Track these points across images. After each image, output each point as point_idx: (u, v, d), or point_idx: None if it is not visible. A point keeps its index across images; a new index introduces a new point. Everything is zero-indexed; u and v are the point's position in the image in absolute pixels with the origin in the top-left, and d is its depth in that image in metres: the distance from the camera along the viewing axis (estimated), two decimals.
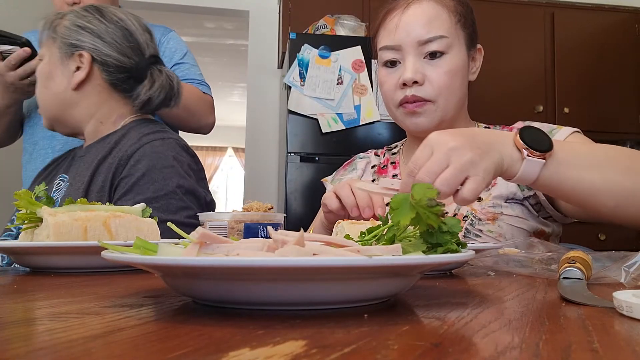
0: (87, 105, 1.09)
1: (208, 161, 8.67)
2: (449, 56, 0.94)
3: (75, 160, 1.14)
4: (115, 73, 1.09)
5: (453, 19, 0.95)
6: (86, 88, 1.08)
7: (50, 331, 0.31)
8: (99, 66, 1.08)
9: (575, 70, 3.35)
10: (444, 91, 0.94)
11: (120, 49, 1.09)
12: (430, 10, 0.94)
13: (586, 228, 3.03)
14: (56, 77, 1.09)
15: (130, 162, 1.01)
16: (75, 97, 1.08)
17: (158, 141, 1.05)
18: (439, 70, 0.93)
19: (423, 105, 0.94)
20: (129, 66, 1.09)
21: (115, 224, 0.72)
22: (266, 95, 3.46)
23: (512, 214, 0.93)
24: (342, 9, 3.01)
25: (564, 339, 0.30)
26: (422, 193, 0.42)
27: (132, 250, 0.42)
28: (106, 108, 1.11)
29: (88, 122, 1.10)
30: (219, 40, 5.27)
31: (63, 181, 1.11)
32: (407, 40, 0.94)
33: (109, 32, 1.09)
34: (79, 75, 1.07)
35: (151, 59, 1.13)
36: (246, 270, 0.34)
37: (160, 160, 1.02)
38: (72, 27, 1.08)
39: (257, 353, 0.26)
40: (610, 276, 0.54)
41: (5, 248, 0.68)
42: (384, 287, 0.40)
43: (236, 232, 0.73)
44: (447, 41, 0.93)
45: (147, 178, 1.00)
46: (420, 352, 0.26)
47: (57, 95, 1.08)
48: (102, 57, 1.08)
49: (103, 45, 1.08)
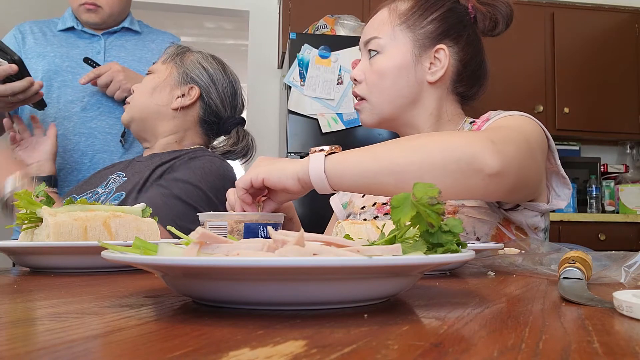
0: (174, 124, 1.28)
1: None
2: (382, 56, 0.97)
3: (133, 163, 1.29)
4: (210, 115, 1.31)
5: (395, 21, 0.98)
6: (182, 112, 1.28)
7: (50, 331, 0.31)
8: (201, 103, 1.29)
9: (575, 70, 3.35)
10: (374, 89, 0.98)
11: (223, 100, 1.31)
12: (379, 14, 1.01)
13: (586, 228, 3.03)
14: (164, 92, 1.27)
15: (185, 157, 1.19)
16: (169, 115, 1.27)
17: (217, 159, 1.23)
18: (370, 69, 0.98)
19: (361, 103, 1.01)
20: (222, 115, 1.32)
21: (115, 223, 0.72)
22: (266, 95, 3.46)
23: (473, 205, 0.92)
24: (342, 9, 3.01)
25: (564, 339, 0.30)
26: (423, 191, 0.42)
27: (132, 250, 0.42)
28: (186, 134, 1.30)
29: (166, 137, 1.28)
30: (219, 40, 5.28)
31: (119, 177, 1.23)
32: (360, 41, 1.02)
33: (223, 84, 1.31)
34: (184, 101, 1.27)
35: (239, 119, 1.35)
36: (246, 270, 0.34)
37: (215, 166, 1.19)
38: (197, 64, 1.30)
39: (257, 353, 0.26)
40: (610, 276, 0.54)
41: (5, 248, 0.68)
42: (384, 287, 0.40)
43: (236, 232, 0.73)
44: (378, 41, 0.98)
45: (194, 168, 1.16)
46: (420, 352, 0.26)
47: (157, 105, 1.27)
48: (208, 97, 1.30)
49: (214, 91, 1.30)
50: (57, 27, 1.59)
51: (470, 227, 0.91)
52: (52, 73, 1.51)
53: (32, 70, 1.48)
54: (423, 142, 0.72)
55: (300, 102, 2.68)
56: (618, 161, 3.72)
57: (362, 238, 0.57)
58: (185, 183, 1.13)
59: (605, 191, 3.44)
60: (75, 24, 1.57)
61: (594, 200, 3.35)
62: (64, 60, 1.53)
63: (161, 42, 1.66)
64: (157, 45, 1.65)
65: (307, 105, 2.68)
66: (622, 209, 3.26)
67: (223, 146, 1.33)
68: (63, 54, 1.54)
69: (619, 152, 3.74)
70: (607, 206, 3.42)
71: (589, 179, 3.41)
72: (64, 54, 1.54)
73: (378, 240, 0.47)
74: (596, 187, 3.36)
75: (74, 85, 1.50)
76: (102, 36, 1.58)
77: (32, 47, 1.55)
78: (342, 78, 2.72)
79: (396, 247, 0.40)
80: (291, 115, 2.68)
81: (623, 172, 3.55)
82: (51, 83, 1.50)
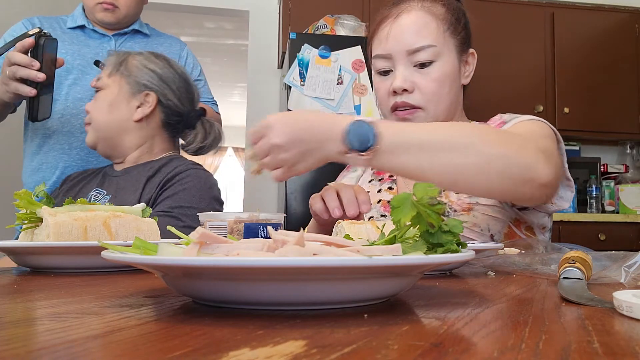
0: (140, 136, 1.27)
1: (208, 161, 8.65)
2: (438, 64, 0.96)
3: (107, 178, 1.30)
4: (171, 116, 1.30)
5: (442, 28, 0.97)
6: (144, 122, 1.27)
7: (50, 331, 0.31)
8: (160, 107, 1.28)
9: (575, 70, 3.35)
10: (433, 98, 0.96)
11: (180, 96, 1.30)
12: (419, 19, 0.96)
13: (586, 228, 3.03)
14: (121, 106, 1.26)
15: (176, 178, 1.20)
16: (133, 127, 1.26)
17: (201, 170, 1.26)
18: (427, 78, 0.96)
19: (413, 113, 0.97)
20: (182, 111, 1.31)
21: (115, 224, 0.72)
22: (266, 95, 3.45)
23: (487, 203, 0.94)
24: (342, 9, 3.01)
25: (564, 339, 0.30)
26: (423, 192, 0.42)
27: (132, 250, 0.42)
28: (153, 141, 1.30)
29: (135, 149, 1.28)
30: (219, 40, 5.27)
31: (100, 194, 1.26)
32: (397, 49, 0.96)
33: (175, 80, 1.30)
34: (144, 110, 1.26)
35: (200, 111, 1.34)
36: (246, 270, 0.34)
37: (203, 182, 1.22)
38: (144, 69, 1.28)
39: (257, 353, 0.26)
40: (610, 276, 0.54)
41: (5, 248, 0.68)
42: (384, 287, 0.40)
43: (236, 232, 0.73)
44: (435, 50, 0.95)
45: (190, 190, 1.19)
46: (420, 352, 0.26)
47: (119, 122, 1.25)
48: (166, 100, 1.28)
49: (169, 91, 1.28)
50: (66, 25, 1.60)
51: (484, 225, 0.94)
52: (62, 70, 1.51)
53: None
54: (481, 146, 0.71)
55: (300, 102, 2.68)
56: (618, 161, 3.72)
57: (362, 238, 0.57)
58: (191, 209, 1.16)
59: (605, 191, 3.44)
60: (86, 22, 1.59)
61: (594, 200, 3.35)
62: (75, 59, 1.54)
63: (168, 46, 1.69)
64: (164, 48, 1.67)
65: (307, 105, 2.68)
66: (622, 209, 3.26)
67: (194, 144, 1.33)
68: (75, 52, 1.55)
69: (619, 152, 3.74)
70: (607, 206, 3.42)
71: (589, 179, 3.41)
72: (75, 52, 1.55)
73: (378, 240, 0.47)
74: (596, 187, 3.36)
75: (84, 84, 1.51)
76: (113, 37, 1.60)
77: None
78: (342, 78, 2.72)
79: (396, 247, 0.40)
80: None
81: (623, 172, 3.55)
82: (61, 80, 1.51)
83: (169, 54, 1.65)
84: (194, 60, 1.74)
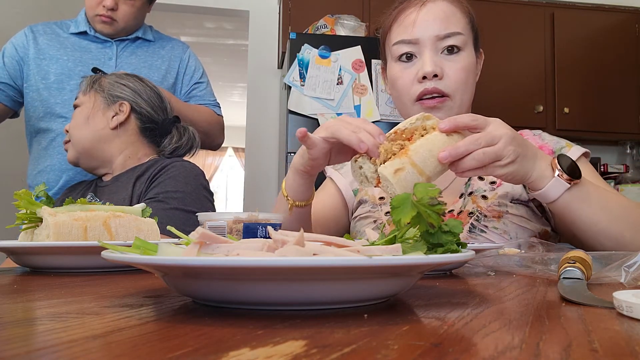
0: (120, 142, 1.33)
1: (208, 161, 8.66)
2: (465, 53, 0.96)
3: (99, 188, 1.35)
4: (146, 122, 1.36)
5: (466, 19, 0.98)
6: (122, 129, 1.33)
7: (50, 331, 0.31)
8: (135, 114, 1.35)
9: (575, 70, 3.35)
10: (461, 86, 0.95)
11: (153, 106, 1.37)
12: (447, 8, 0.97)
13: None
14: (97, 118, 1.32)
15: (162, 170, 1.26)
16: (111, 135, 1.32)
17: (187, 162, 1.31)
18: (456, 65, 0.95)
19: (443, 102, 0.94)
20: (157, 120, 1.37)
21: (115, 224, 0.72)
22: (266, 95, 3.45)
23: (516, 213, 0.95)
24: (342, 9, 3.01)
25: (564, 339, 0.30)
26: (423, 192, 0.42)
27: (132, 250, 0.42)
28: (135, 147, 1.35)
29: (118, 156, 1.33)
30: (219, 40, 5.27)
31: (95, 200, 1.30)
32: (426, 34, 0.95)
33: (146, 92, 1.37)
34: (119, 117, 1.32)
35: (174, 118, 1.42)
36: (246, 270, 0.34)
37: (188, 170, 1.27)
38: (116, 84, 1.35)
39: (257, 353, 0.26)
40: (610, 276, 0.54)
41: (6, 248, 0.68)
42: (384, 287, 0.40)
43: (235, 232, 0.73)
44: (463, 38, 0.95)
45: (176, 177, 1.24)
46: (420, 352, 0.26)
47: (96, 131, 1.31)
48: (139, 107, 1.35)
49: (141, 100, 1.35)
50: (69, 29, 1.62)
51: (513, 232, 0.94)
52: (64, 77, 1.55)
53: (44, 72, 1.53)
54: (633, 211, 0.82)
55: (300, 102, 2.68)
56: (618, 161, 3.72)
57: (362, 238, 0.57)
58: (177, 193, 1.21)
59: None
60: (88, 29, 1.61)
61: None
62: (77, 65, 1.57)
63: (170, 49, 1.70)
64: (167, 52, 1.69)
65: (307, 105, 2.68)
66: None
67: (170, 146, 1.39)
68: (76, 59, 1.58)
69: (619, 152, 3.74)
70: None
71: None
72: (77, 59, 1.58)
73: (378, 240, 0.46)
74: None
75: None
76: (115, 42, 1.62)
77: (45, 48, 1.58)
78: (342, 78, 2.72)
79: (396, 247, 0.40)
80: (291, 115, 2.68)
81: (623, 172, 3.55)
82: (63, 86, 1.54)
83: (172, 57, 1.67)
84: (196, 62, 1.75)
